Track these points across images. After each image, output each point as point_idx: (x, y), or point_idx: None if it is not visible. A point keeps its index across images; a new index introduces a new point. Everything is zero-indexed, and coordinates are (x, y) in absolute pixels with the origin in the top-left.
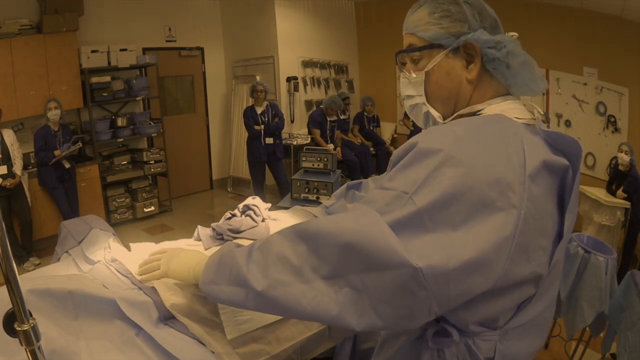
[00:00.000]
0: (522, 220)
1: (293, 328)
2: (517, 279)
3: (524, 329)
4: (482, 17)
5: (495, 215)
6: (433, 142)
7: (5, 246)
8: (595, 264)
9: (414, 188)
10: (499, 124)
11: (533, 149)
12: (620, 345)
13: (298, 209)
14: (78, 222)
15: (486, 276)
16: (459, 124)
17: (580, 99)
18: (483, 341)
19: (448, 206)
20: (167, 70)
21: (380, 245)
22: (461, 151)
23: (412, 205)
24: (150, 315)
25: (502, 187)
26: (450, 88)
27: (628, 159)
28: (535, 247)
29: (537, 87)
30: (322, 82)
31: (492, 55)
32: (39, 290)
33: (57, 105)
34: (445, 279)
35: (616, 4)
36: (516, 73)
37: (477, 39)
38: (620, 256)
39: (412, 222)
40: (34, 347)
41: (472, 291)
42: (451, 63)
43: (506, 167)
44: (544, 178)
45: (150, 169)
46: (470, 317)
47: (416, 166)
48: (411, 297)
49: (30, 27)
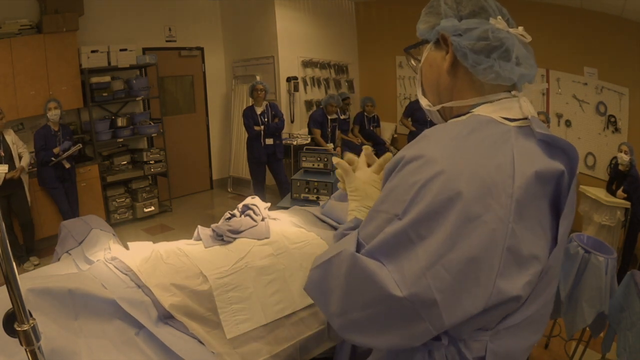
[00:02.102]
0: (509, 234)
1: (292, 328)
2: (511, 293)
3: (518, 327)
4: (460, 5)
5: (481, 229)
6: (421, 154)
7: (5, 246)
8: (595, 264)
9: (402, 208)
10: (489, 130)
11: (523, 159)
12: (620, 346)
13: (297, 209)
14: (78, 223)
15: (476, 296)
16: (447, 131)
17: (581, 99)
18: (474, 341)
19: (433, 219)
20: (167, 70)
21: (369, 283)
22: (447, 164)
23: (399, 222)
24: (150, 314)
25: (488, 201)
26: (432, 79)
27: (628, 159)
28: (526, 257)
29: (510, 74)
30: (322, 82)
31: (457, 42)
32: (39, 289)
33: (57, 105)
34: (435, 305)
35: (616, 4)
36: (482, 59)
37: (444, 28)
38: (620, 256)
39: (399, 239)
40: (34, 347)
41: (466, 313)
42: (433, 55)
43: (494, 179)
44: (535, 188)
45: (150, 169)
46: (465, 328)
47: (404, 183)
48: (410, 325)
49: (30, 27)
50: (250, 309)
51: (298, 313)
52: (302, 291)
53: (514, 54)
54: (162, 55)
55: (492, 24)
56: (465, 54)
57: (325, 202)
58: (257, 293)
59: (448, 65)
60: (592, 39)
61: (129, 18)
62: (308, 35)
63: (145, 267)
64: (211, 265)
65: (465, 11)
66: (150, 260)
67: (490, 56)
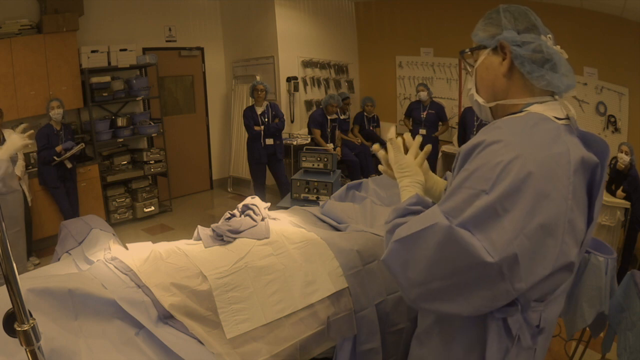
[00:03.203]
0: (569, 209)
1: (292, 328)
2: (570, 259)
3: (556, 298)
4: (517, 21)
5: (551, 204)
6: (500, 139)
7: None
8: (595, 264)
9: (490, 184)
10: (546, 125)
11: (574, 149)
12: (620, 346)
13: (297, 209)
14: (78, 222)
15: (548, 259)
16: (515, 123)
17: (581, 99)
18: (533, 312)
19: (515, 195)
20: (167, 70)
21: (461, 250)
22: (522, 149)
23: (487, 197)
24: (150, 314)
25: (554, 181)
26: (489, 80)
27: (628, 159)
28: (578, 229)
29: (559, 83)
30: (322, 82)
31: (516, 52)
32: (39, 289)
33: (59, 104)
34: (517, 267)
35: (616, 4)
36: (536, 69)
37: (505, 38)
38: (620, 256)
39: (488, 212)
40: (34, 347)
41: (540, 274)
42: (491, 60)
43: (557, 163)
44: (580, 173)
45: (150, 169)
46: (532, 295)
47: (488, 163)
48: (494, 287)
49: (30, 27)
50: (250, 308)
51: (298, 313)
52: (302, 291)
53: (562, 68)
54: (162, 55)
55: (544, 40)
56: (523, 62)
57: (325, 202)
58: (257, 293)
59: (505, 69)
60: (592, 39)
61: (129, 18)
62: (308, 35)
63: (145, 267)
64: (211, 265)
65: (522, 26)
66: (150, 260)
67: (544, 67)
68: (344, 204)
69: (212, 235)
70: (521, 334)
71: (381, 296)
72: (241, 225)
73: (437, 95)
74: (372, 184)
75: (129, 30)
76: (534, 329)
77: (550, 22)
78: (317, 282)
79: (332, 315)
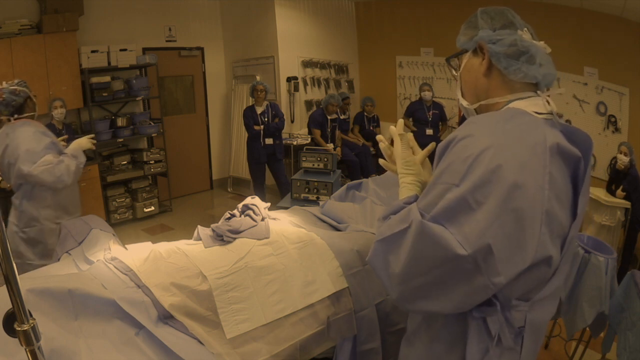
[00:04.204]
0: (546, 199)
1: (292, 328)
2: (548, 252)
3: (546, 299)
4: (493, 20)
5: (526, 194)
6: (470, 133)
7: (5, 246)
8: (595, 264)
9: (459, 177)
10: (523, 118)
11: (550, 136)
12: (620, 346)
13: (297, 209)
14: (78, 222)
15: (525, 252)
16: (490, 117)
17: (581, 98)
18: (517, 312)
19: (486, 187)
20: (167, 70)
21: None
22: (493, 141)
23: (458, 189)
24: (150, 314)
25: (528, 171)
26: (471, 82)
27: (627, 160)
28: (557, 223)
29: (536, 73)
30: (322, 82)
31: (492, 49)
32: (39, 289)
33: (62, 104)
34: (493, 259)
35: (616, 4)
36: (512, 62)
37: (481, 38)
38: (620, 256)
39: (460, 205)
40: (34, 347)
41: (518, 267)
42: (472, 62)
43: (531, 154)
44: (559, 162)
45: (150, 169)
46: (513, 292)
47: (459, 157)
48: (471, 281)
49: (30, 27)
50: (250, 308)
51: (298, 313)
52: (302, 291)
53: (538, 59)
54: (162, 55)
55: (520, 35)
56: (499, 58)
57: (325, 202)
58: (257, 293)
59: (484, 68)
60: (592, 39)
61: (129, 18)
62: (308, 35)
63: (145, 267)
64: (211, 265)
65: (498, 25)
66: (150, 260)
67: (519, 59)
68: (344, 204)
69: (212, 235)
70: (502, 334)
71: (381, 296)
72: (241, 225)
73: (437, 95)
74: (372, 184)
75: (129, 30)
76: (516, 330)
77: (550, 22)
78: (317, 282)
79: (332, 315)
